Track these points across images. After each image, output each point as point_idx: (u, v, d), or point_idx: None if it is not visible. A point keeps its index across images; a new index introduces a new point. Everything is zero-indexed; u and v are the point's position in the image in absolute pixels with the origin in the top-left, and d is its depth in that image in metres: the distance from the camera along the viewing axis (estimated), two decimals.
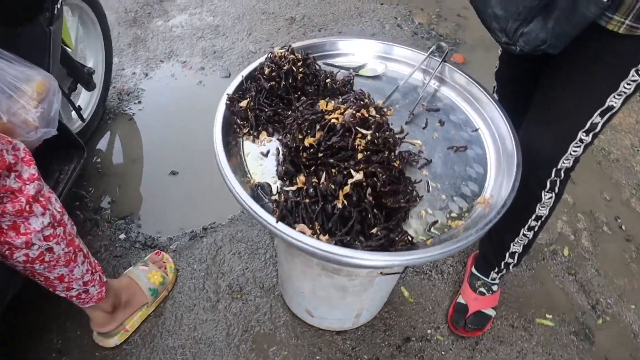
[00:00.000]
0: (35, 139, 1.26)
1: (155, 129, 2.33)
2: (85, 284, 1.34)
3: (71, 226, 1.24)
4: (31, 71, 1.25)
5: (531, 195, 1.38)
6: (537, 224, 1.47)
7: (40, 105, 1.25)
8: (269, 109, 1.22)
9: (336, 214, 0.98)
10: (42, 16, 1.42)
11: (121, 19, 2.92)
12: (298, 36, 2.92)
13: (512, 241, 1.55)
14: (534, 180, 1.34)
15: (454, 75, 1.41)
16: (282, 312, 1.73)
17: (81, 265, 1.29)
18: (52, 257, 1.18)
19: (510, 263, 1.63)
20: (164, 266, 1.76)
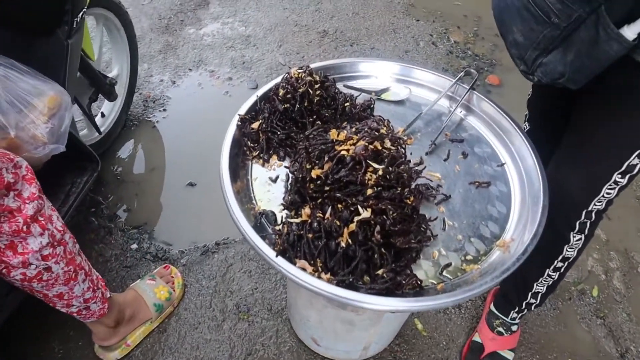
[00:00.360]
0: (43, 155, 1.24)
1: (177, 139, 2.32)
2: (86, 301, 1.31)
3: (72, 244, 1.22)
4: (44, 85, 1.23)
5: (558, 235, 1.29)
6: (564, 265, 1.37)
7: (51, 120, 1.23)
8: (282, 132, 1.17)
9: (339, 252, 0.92)
10: (61, 29, 1.40)
11: (154, 25, 2.94)
12: (329, 50, 2.88)
13: (535, 281, 1.45)
14: (563, 221, 1.25)
15: (482, 104, 1.33)
16: (289, 337, 1.67)
17: (82, 283, 1.26)
18: (50, 276, 1.15)
19: (532, 303, 1.53)
20: (171, 281, 1.72)
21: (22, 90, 1.18)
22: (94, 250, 1.87)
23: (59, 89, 1.27)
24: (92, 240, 1.90)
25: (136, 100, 2.46)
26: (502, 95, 2.71)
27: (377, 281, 0.93)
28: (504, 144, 1.26)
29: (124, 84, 2.23)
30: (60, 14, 1.39)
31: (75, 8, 1.42)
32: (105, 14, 1.93)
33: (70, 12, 1.40)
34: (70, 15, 1.41)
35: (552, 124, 1.38)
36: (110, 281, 1.79)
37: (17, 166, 1.06)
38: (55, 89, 1.25)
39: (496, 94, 2.72)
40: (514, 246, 1.04)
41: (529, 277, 1.46)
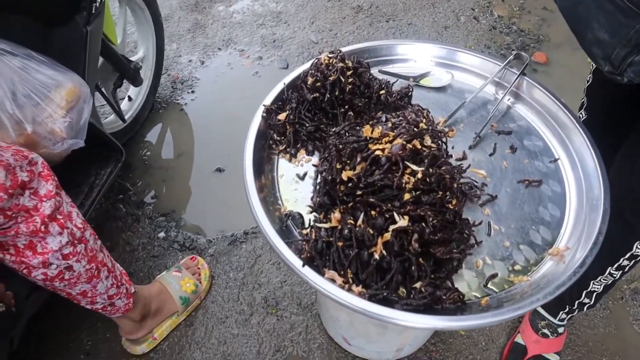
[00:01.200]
0: (62, 150, 1.18)
1: (206, 122, 2.25)
2: (110, 298, 1.27)
3: (94, 241, 1.17)
4: (62, 76, 1.16)
5: (629, 229, 1.15)
6: (630, 263, 1.22)
7: (69, 114, 1.17)
8: (311, 124, 1.07)
9: (373, 264, 0.82)
10: (79, 15, 1.33)
11: (183, 3, 2.85)
12: (364, 26, 2.73)
13: (594, 279, 1.31)
14: (634, 214, 1.12)
15: (533, 91, 1.20)
16: (318, 333, 1.60)
17: (105, 280, 1.22)
18: (72, 274, 1.11)
19: (585, 304, 1.39)
20: (197, 272, 1.67)
21: (39, 83, 1.12)
22: (121, 239, 1.83)
23: (78, 80, 1.20)
24: (119, 228, 1.87)
25: (164, 81, 2.39)
26: (549, 74, 2.52)
27: (414, 296, 0.84)
28: (558, 137, 1.13)
29: (150, 66, 2.16)
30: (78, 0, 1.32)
31: None
32: None
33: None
34: (88, 1, 1.33)
35: (613, 119, 1.23)
36: (137, 271, 1.75)
37: (32, 163, 1.00)
38: (74, 80, 1.18)
39: (543, 73, 2.53)
40: (569, 256, 0.92)
41: (587, 274, 1.32)
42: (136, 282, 1.70)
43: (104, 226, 1.86)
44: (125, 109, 2.10)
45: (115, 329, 1.56)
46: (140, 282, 1.71)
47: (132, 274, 1.73)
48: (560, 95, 1.15)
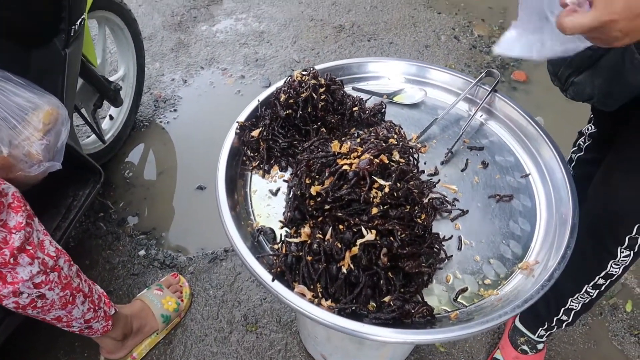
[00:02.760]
0: (39, 173, 1.17)
1: (188, 140, 2.25)
2: (87, 322, 1.25)
3: (68, 268, 1.15)
4: (40, 99, 1.16)
5: (604, 249, 1.16)
6: (605, 282, 1.23)
7: (46, 136, 1.16)
8: (284, 140, 1.08)
9: (341, 278, 0.83)
10: (58, 38, 1.33)
11: (167, 22, 2.87)
12: (346, 45, 2.77)
13: (571, 296, 1.32)
14: (610, 234, 1.13)
15: (505, 107, 1.22)
16: (298, 351, 1.58)
17: (81, 305, 1.20)
18: (45, 302, 1.09)
19: (564, 321, 1.40)
20: (179, 290, 1.66)
21: (16, 105, 1.12)
22: (101, 257, 1.82)
23: (56, 103, 1.20)
24: (99, 246, 1.85)
25: (147, 100, 2.40)
26: (528, 92, 2.57)
27: (383, 310, 0.84)
28: (529, 152, 1.15)
29: (131, 84, 2.17)
30: (57, 23, 1.32)
31: (72, 16, 1.34)
32: (106, 15, 1.86)
33: (67, 20, 1.33)
34: (67, 24, 1.33)
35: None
36: (117, 289, 1.73)
37: (3, 194, 0.99)
38: (51, 103, 1.18)
39: (522, 91, 2.58)
40: (538, 270, 0.93)
41: (564, 291, 1.33)
42: (115, 300, 1.69)
43: (84, 244, 1.85)
44: (106, 128, 2.10)
45: (92, 349, 1.54)
46: (119, 300, 1.70)
47: (112, 292, 1.72)
48: (540, 113, 1.17)
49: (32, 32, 1.28)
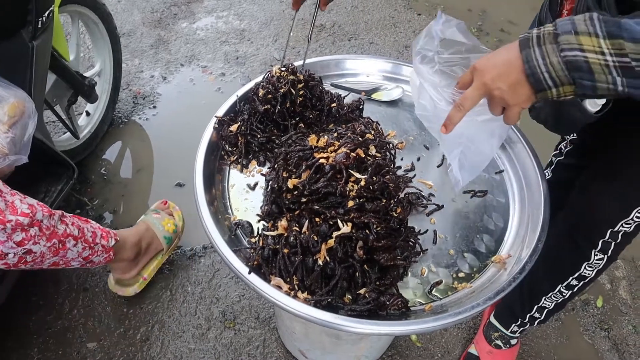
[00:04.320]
0: (5, 166, 1.15)
1: (167, 137, 2.24)
2: (85, 259, 1.30)
3: (49, 219, 1.16)
4: (5, 91, 1.15)
5: (579, 251, 1.19)
6: (578, 284, 1.26)
7: (12, 129, 1.15)
8: (262, 135, 1.08)
9: (317, 270, 0.84)
10: (25, 30, 1.31)
11: (147, 19, 2.85)
12: (326, 45, 2.79)
13: (545, 295, 1.35)
14: (585, 237, 1.17)
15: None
16: (276, 347, 1.59)
17: (73, 248, 1.23)
18: (34, 256, 1.13)
19: (536, 318, 1.43)
20: (171, 214, 1.74)
21: None
22: None
23: (22, 95, 1.19)
24: None
25: (125, 97, 2.38)
26: None
27: (358, 302, 0.85)
28: (503, 150, 1.18)
29: (108, 80, 2.14)
30: (23, 14, 1.30)
31: (39, 7, 1.32)
32: (79, 10, 1.83)
33: (33, 11, 1.31)
34: (34, 15, 1.31)
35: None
36: (94, 286, 1.71)
37: None
38: (17, 95, 1.17)
39: None
40: (510, 263, 0.95)
41: (538, 289, 1.36)
42: (91, 297, 1.69)
43: None
44: (83, 124, 2.08)
45: (67, 347, 1.52)
46: (96, 297, 1.68)
47: (88, 290, 1.69)
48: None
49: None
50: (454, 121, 0.85)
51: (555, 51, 0.68)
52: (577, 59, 0.67)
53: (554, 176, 1.45)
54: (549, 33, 0.69)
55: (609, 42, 0.64)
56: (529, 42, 0.71)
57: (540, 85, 0.71)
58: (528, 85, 0.73)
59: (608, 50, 0.64)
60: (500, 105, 0.79)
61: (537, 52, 0.70)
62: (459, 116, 0.84)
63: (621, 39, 0.63)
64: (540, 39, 0.70)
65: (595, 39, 0.65)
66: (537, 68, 0.70)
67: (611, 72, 0.65)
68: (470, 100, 0.81)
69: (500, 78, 0.75)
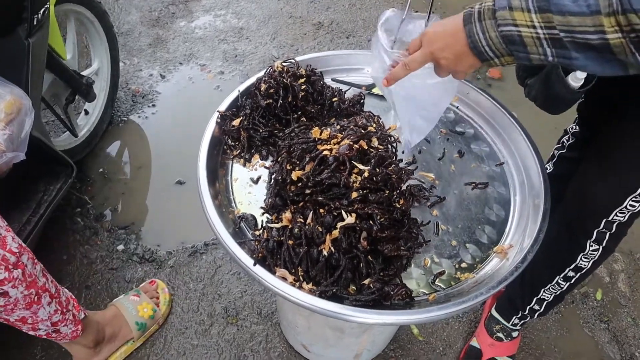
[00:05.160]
0: (2, 164, 1.14)
1: (167, 135, 2.24)
2: (54, 324, 1.22)
3: (32, 266, 1.12)
4: (1, 89, 1.14)
5: (574, 242, 1.21)
6: (575, 275, 1.28)
7: (9, 127, 1.14)
8: (264, 129, 1.09)
9: (322, 261, 0.85)
10: (20, 27, 1.31)
11: (144, 18, 2.85)
12: (324, 42, 2.79)
13: (543, 287, 1.36)
14: (580, 227, 1.18)
15: (480, 98, 1.25)
16: (279, 342, 1.60)
17: (47, 306, 1.17)
18: (8, 301, 1.06)
19: (536, 310, 1.44)
20: (156, 297, 1.63)
21: None
22: (78, 252, 1.80)
23: (19, 93, 1.18)
24: (77, 242, 1.83)
25: (124, 96, 2.38)
26: (503, 89, 2.62)
27: (363, 292, 0.86)
28: (504, 142, 1.19)
29: (105, 78, 2.14)
30: (19, 12, 1.30)
31: (35, 4, 1.32)
32: (75, 8, 1.84)
33: (29, 8, 1.31)
34: (29, 12, 1.31)
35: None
36: (95, 284, 1.72)
37: None
38: (13, 93, 1.17)
39: (497, 88, 2.63)
40: (512, 253, 0.96)
41: (537, 281, 1.37)
42: (94, 294, 1.68)
43: (61, 239, 1.83)
44: (82, 123, 2.08)
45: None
46: (98, 295, 1.69)
47: (90, 287, 1.70)
48: (514, 109, 1.21)
49: None
50: (397, 77, 0.92)
51: (493, 26, 0.74)
52: (511, 33, 0.73)
53: (555, 170, 1.46)
54: (488, 9, 0.75)
55: (539, 15, 0.69)
56: (471, 18, 0.78)
57: (483, 57, 0.79)
58: (472, 56, 0.80)
59: (539, 23, 0.69)
60: (447, 71, 0.87)
61: (478, 27, 0.77)
62: (403, 74, 0.91)
63: (550, 12, 0.67)
64: (481, 15, 0.76)
65: (527, 13, 0.70)
66: (479, 42, 0.77)
67: (542, 44, 0.71)
68: (416, 63, 0.88)
69: (447, 49, 0.82)
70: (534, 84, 1.06)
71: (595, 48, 0.66)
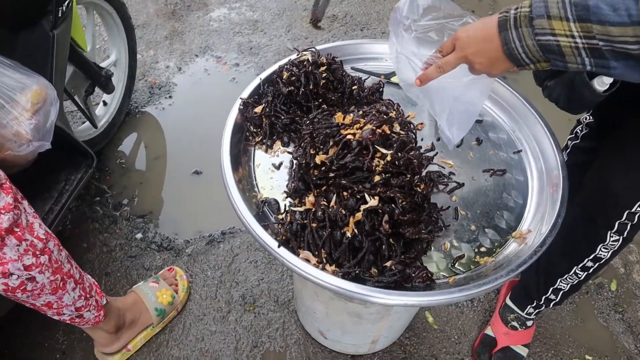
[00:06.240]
0: (29, 153, 1.16)
1: (183, 126, 2.27)
2: (78, 310, 1.24)
3: (58, 252, 1.14)
4: (28, 79, 1.16)
5: (595, 233, 1.21)
6: (594, 265, 1.28)
7: (35, 116, 1.16)
8: (286, 116, 1.11)
9: (345, 243, 0.86)
10: (45, 19, 1.34)
11: (160, 11, 2.88)
12: (339, 35, 2.81)
13: (560, 276, 1.37)
14: (601, 218, 1.18)
15: (498, 87, 1.26)
16: (295, 329, 1.62)
17: (72, 292, 1.19)
18: (35, 286, 1.08)
19: (552, 300, 1.45)
20: (175, 284, 1.66)
21: (5, 85, 1.11)
22: (98, 240, 1.84)
23: (44, 83, 1.20)
24: (96, 230, 1.87)
25: (142, 87, 2.42)
26: (517, 81, 2.62)
27: (385, 274, 0.88)
28: (522, 130, 1.20)
29: (123, 69, 2.17)
30: (44, 4, 1.33)
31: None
32: (94, 1, 1.86)
33: (54, 1, 1.33)
34: (54, 5, 1.34)
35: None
36: (115, 271, 1.75)
37: None
38: (40, 83, 1.18)
39: (511, 80, 2.62)
40: (531, 238, 0.98)
41: (554, 271, 1.38)
42: (113, 281, 1.72)
43: (81, 227, 1.87)
44: (100, 113, 2.11)
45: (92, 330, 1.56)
46: (117, 282, 1.72)
47: (109, 274, 1.74)
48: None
49: (19, 13, 1.29)
50: (430, 78, 0.95)
51: (531, 35, 0.75)
52: (549, 43, 0.73)
53: (569, 160, 1.46)
54: (524, 16, 0.75)
55: (579, 25, 0.69)
56: (507, 24, 0.78)
57: (519, 63, 0.79)
58: (508, 61, 0.81)
59: (578, 33, 0.70)
60: (482, 73, 0.88)
61: (514, 35, 0.77)
62: (436, 75, 0.94)
63: (589, 22, 0.68)
64: (517, 21, 0.76)
65: (566, 22, 0.70)
66: (515, 50, 0.78)
67: (580, 54, 0.71)
68: (450, 65, 0.90)
69: (481, 54, 0.83)
70: (555, 86, 1.06)
71: (634, 57, 0.67)
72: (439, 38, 1.05)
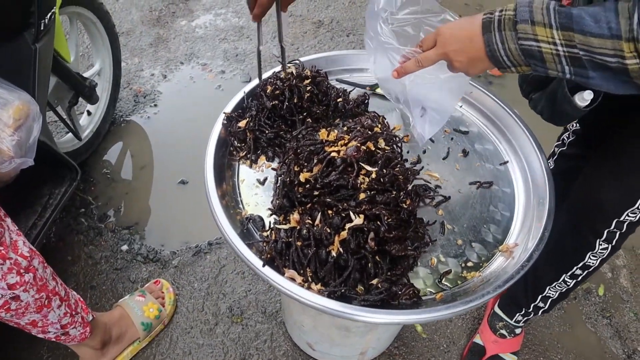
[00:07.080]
0: (11, 170, 1.14)
1: (169, 135, 2.25)
2: (63, 327, 1.22)
3: (43, 270, 1.12)
4: (10, 94, 1.14)
5: (583, 241, 1.20)
6: (582, 273, 1.28)
7: (17, 132, 1.14)
8: (270, 130, 1.10)
9: (330, 262, 0.85)
10: (28, 32, 1.31)
11: (145, 17, 2.85)
12: (325, 41, 2.80)
13: (549, 284, 1.36)
14: (589, 227, 1.17)
15: (483, 98, 1.26)
16: (283, 341, 1.61)
17: (57, 309, 1.17)
18: (19, 305, 1.06)
19: (540, 307, 1.45)
20: (161, 296, 1.64)
21: None
22: (83, 252, 1.81)
23: (27, 98, 1.18)
24: (81, 242, 1.84)
25: (126, 96, 2.39)
26: (503, 86, 2.63)
27: (371, 292, 0.87)
28: (508, 141, 1.20)
29: (108, 78, 2.15)
30: (25, 17, 1.30)
31: (42, 9, 1.32)
32: (77, 10, 1.84)
33: (36, 13, 1.31)
34: (36, 17, 1.31)
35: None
36: (100, 284, 1.73)
37: None
38: (22, 98, 1.16)
39: (498, 85, 2.64)
40: (518, 251, 0.97)
41: (542, 279, 1.38)
42: (99, 295, 1.69)
43: (66, 240, 1.84)
44: (84, 123, 2.08)
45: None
46: (103, 295, 1.69)
47: (95, 287, 1.71)
48: (515, 107, 1.21)
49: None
50: (408, 71, 0.94)
51: (514, 38, 0.75)
52: (532, 48, 0.74)
53: (555, 167, 1.47)
54: (509, 19, 0.76)
55: (561, 33, 0.70)
56: (491, 26, 0.78)
57: (500, 65, 0.80)
58: (488, 62, 0.81)
59: (560, 40, 0.70)
60: (460, 71, 0.88)
61: (497, 37, 0.77)
62: (414, 69, 0.93)
63: (572, 31, 0.68)
64: (501, 24, 0.77)
65: (550, 29, 0.71)
66: (497, 52, 0.78)
67: (561, 62, 0.72)
68: (429, 61, 0.90)
69: (462, 52, 0.83)
70: (540, 98, 1.07)
71: (612, 70, 0.67)
72: (415, 33, 1.04)
